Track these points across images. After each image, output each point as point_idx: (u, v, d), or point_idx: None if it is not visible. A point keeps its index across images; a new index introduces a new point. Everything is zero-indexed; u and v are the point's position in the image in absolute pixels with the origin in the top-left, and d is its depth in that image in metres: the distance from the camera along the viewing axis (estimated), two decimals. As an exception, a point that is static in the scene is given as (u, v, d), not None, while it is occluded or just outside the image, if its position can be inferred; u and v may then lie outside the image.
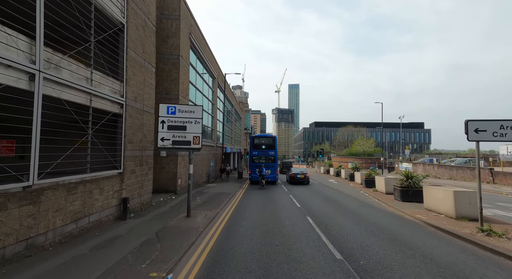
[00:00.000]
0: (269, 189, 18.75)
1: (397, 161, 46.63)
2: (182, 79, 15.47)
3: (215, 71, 25.86)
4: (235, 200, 13.89)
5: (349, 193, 16.63)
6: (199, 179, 19.93)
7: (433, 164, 35.94)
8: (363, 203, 12.78)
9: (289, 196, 15.38)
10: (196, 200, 13.13)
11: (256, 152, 23.22)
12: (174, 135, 9.03)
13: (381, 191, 15.48)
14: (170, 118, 9.03)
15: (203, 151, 20.81)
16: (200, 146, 9.35)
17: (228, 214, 10.26)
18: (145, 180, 10.65)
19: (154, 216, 9.40)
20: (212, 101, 25.65)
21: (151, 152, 11.16)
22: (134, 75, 9.62)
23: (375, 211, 10.78)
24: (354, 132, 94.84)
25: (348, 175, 24.59)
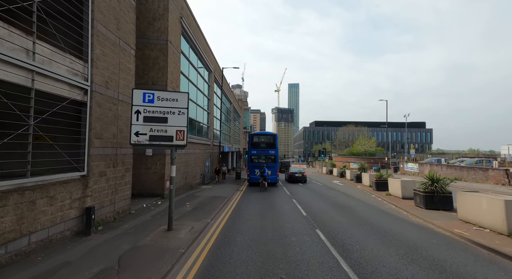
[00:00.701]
0: (270, 192, 16.98)
1: (402, 161, 44.92)
2: (171, 68, 13.66)
3: (212, 65, 24.05)
4: (230, 205, 12.11)
5: (359, 197, 14.85)
6: (192, 180, 18.14)
7: (441, 164, 34.19)
8: (380, 210, 10.99)
9: (292, 200, 13.60)
10: (185, 206, 11.33)
11: (255, 151, 21.51)
12: (152, 129, 7.23)
13: (396, 195, 13.70)
14: (147, 108, 7.23)
15: (197, 149, 19.02)
16: (185, 143, 7.56)
17: (221, 225, 8.47)
18: (121, 183, 8.85)
19: (128, 228, 7.60)
20: (208, 97, 23.84)
21: (129, 149, 9.35)
22: (104, 55, 7.81)
23: (398, 222, 8.99)
24: (355, 131, 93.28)
25: (354, 176, 22.82)
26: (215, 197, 14.08)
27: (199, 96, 20.76)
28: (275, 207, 11.76)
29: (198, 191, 16.42)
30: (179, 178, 15.23)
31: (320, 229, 7.98)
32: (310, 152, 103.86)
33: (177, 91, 7.58)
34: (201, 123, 21.21)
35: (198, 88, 20.21)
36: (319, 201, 13.57)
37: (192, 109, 18.78)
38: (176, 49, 14.41)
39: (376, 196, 14.85)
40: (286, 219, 9.27)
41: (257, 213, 10.42)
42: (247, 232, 7.61)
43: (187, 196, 14.06)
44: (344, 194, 16.04)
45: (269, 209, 11.16)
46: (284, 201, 13.48)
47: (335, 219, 9.28)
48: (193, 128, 19.28)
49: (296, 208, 11.50)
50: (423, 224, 8.57)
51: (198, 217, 9.32)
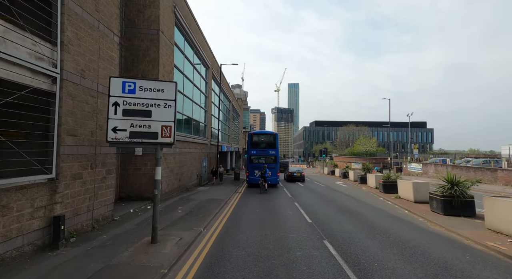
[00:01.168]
0: (270, 194, 15.92)
1: (404, 161, 43.90)
2: (163, 61, 12.60)
3: (209, 60, 22.99)
4: (227, 210, 11.05)
5: (366, 200, 13.79)
6: (188, 181, 17.08)
7: (446, 164, 33.16)
8: (393, 216, 9.93)
9: (294, 204, 12.55)
10: (176, 211, 10.26)
11: (254, 151, 20.54)
12: (134, 124, 6.17)
13: (407, 199, 12.65)
14: (128, 99, 6.17)
15: (193, 149, 17.96)
16: (172, 140, 6.50)
17: (215, 235, 7.42)
18: (102, 187, 7.78)
19: (106, 240, 6.54)
20: (205, 94, 22.79)
21: (112, 149, 8.29)
22: (79, 39, 6.74)
23: (416, 231, 7.93)
24: (355, 131, 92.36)
25: (358, 177, 21.77)
26: (211, 200, 13.02)
27: (196, 93, 19.70)
28: (276, 212, 10.70)
29: (194, 193, 15.35)
30: (172, 179, 14.17)
31: (329, 239, 6.93)
32: (310, 151, 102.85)
33: (163, 81, 6.51)
34: (197, 121, 20.16)
35: (194, 85, 19.16)
36: (323, 204, 12.51)
37: (188, 106, 17.73)
38: (169, 40, 13.35)
39: (385, 199, 13.79)
40: (289, 227, 8.21)
41: (257, 219, 9.36)
42: (244, 244, 6.55)
43: (181, 199, 13.00)
44: (349, 197, 14.98)
45: (269, 215, 10.10)
46: (285, 204, 12.42)
47: (344, 227, 8.22)
48: (189, 126, 18.23)
49: (299, 213, 10.44)
50: (447, 234, 7.51)
51: (190, 224, 8.26)
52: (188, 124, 17.92)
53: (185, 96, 16.76)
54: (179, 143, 15.22)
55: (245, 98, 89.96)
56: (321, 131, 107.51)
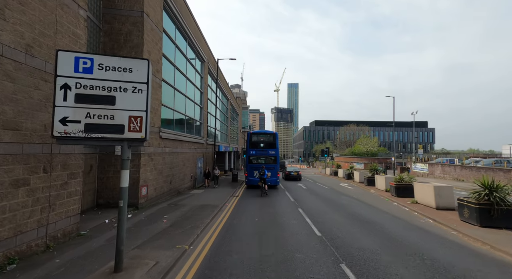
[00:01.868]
0: (270, 198, 14.37)
1: (409, 161, 42.42)
2: (148, 48, 11.05)
3: (205, 54, 21.45)
4: (221, 218, 9.51)
5: (379, 205, 12.26)
6: (180, 184, 15.52)
7: (454, 164, 31.68)
8: (417, 228, 8.38)
9: (298, 210, 11.01)
10: (160, 221, 8.71)
11: (253, 151, 19.71)
12: (91, 114, 4.63)
13: (426, 205, 11.13)
14: (82, 81, 4.63)
15: (186, 148, 16.40)
16: (144, 135, 4.97)
17: (202, 255, 5.89)
18: (61, 195, 6.23)
19: (58, 267, 4.99)
20: (200, 90, 21.24)
21: (77, 147, 6.74)
22: (22, 4, 5.19)
23: (455, 249, 6.38)
24: (356, 131, 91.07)
25: (365, 179, 20.24)
26: (203, 206, 11.47)
27: (190, 88, 18.15)
28: (277, 221, 9.15)
29: (185, 197, 13.79)
30: (161, 182, 12.62)
31: (347, 262, 5.40)
32: (311, 151, 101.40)
33: (132, 57, 4.94)
34: (191, 118, 18.61)
35: (188, 79, 17.61)
36: (331, 211, 10.97)
37: (180, 102, 16.18)
38: (156, 25, 11.80)
39: (399, 204, 12.26)
40: (294, 243, 6.67)
41: (255, 232, 7.81)
42: (239, 271, 5.01)
43: (169, 205, 11.44)
44: (359, 201, 13.43)
45: (270, 225, 8.55)
46: (288, 211, 10.87)
47: (362, 243, 6.68)
48: (182, 124, 16.68)
49: (305, 222, 8.90)
50: (497, 255, 5.96)
51: (173, 240, 6.71)
52: (180, 122, 16.38)
53: (177, 90, 15.20)
54: (170, 141, 13.67)
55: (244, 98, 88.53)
56: (321, 131, 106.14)
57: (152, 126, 11.49)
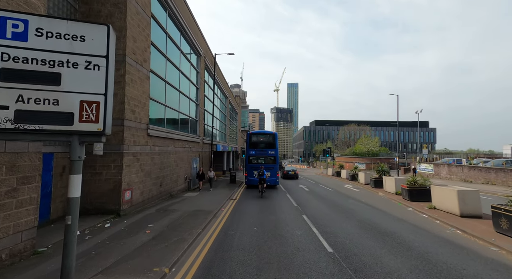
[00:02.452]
0: (270, 201, 13.08)
1: (413, 161, 41.18)
2: (133, 33, 9.76)
3: (201, 47, 20.15)
4: (214, 228, 8.23)
5: (394, 211, 10.97)
6: (173, 186, 14.23)
7: (461, 165, 30.44)
8: (446, 241, 7.09)
9: (303, 217, 9.73)
10: (143, 231, 7.42)
11: (253, 151, 19.84)
12: (23, 97, 3.35)
13: (447, 211, 9.84)
14: (11, 51, 3.34)
15: (179, 147, 15.11)
16: (102, 127, 3.66)
17: (185, 282, 4.60)
18: (8, 205, 4.94)
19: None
20: (196, 85, 19.94)
21: (34, 144, 5.45)
22: None
23: (505, 275, 5.12)
24: (357, 131, 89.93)
25: (372, 180, 18.96)
26: (196, 211, 10.18)
27: (184, 82, 16.87)
28: (279, 232, 7.86)
29: (178, 201, 12.49)
30: (149, 185, 11.32)
31: (373, 295, 4.11)
32: (311, 151, 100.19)
33: (86, 21, 3.62)
34: (186, 115, 17.31)
35: (182, 72, 16.31)
36: (340, 218, 9.68)
37: (173, 97, 14.89)
38: (142, 9, 10.50)
39: (415, 209, 10.98)
40: (301, 264, 5.38)
41: (253, 246, 6.52)
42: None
43: (157, 211, 10.15)
44: (369, 206, 12.14)
45: (271, 237, 7.26)
46: (291, 219, 9.58)
47: (387, 265, 5.39)
48: (174, 121, 15.38)
49: (311, 233, 7.62)
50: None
51: (152, 259, 5.43)
52: (173, 119, 15.09)
53: (169, 84, 13.91)
54: (160, 139, 12.38)
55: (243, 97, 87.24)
56: (321, 131, 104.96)
57: (138, 122, 10.20)
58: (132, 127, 9.74)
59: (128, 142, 9.48)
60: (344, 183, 24.16)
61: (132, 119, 9.73)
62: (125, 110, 9.27)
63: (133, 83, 9.85)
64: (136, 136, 10.09)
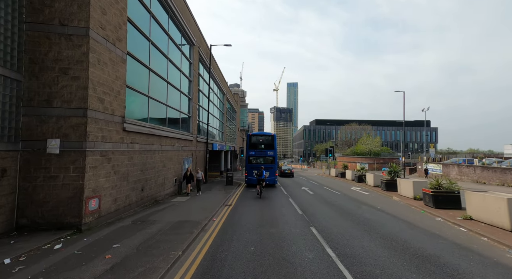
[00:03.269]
0: (272, 209, 11.20)
1: (419, 161, 39.36)
2: (101, 3, 7.86)
3: (194, 36, 18.27)
4: (200, 247, 6.37)
5: (421, 223, 9.09)
6: (158, 190, 12.35)
7: (473, 165, 28.64)
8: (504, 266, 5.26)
9: (311, 231, 7.87)
10: (100, 257, 5.51)
11: (253, 152, 20.52)
12: None
13: (492, 224, 7.97)
14: None
15: (167, 145, 13.24)
16: None
17: None
18: None
19: None
20: (188, 77, 18.05)
21: None
22: None
23: None
24: (358, 130, 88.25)
25: (383, 183, 17.10)
26: (180, 223, 8.30)
27: (174, 73, 14.98)
28: (285, 255, 5.96)
29: (162, 208, 10.60)
30: (126, 190, 9.43)
31: None
32: (311, 151, 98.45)
33: None
34: (176, 110, 15.42)
35: (171, 61, 14.42)
36: (358, 232, 7.79)
37: (159, 87, 13.02)
38: (115, -24, 8.60)
39: (446, 220, 9.10)
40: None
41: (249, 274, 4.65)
42: None
43: (133, 223, 8.26)
44: (389, 215, 10.26)
45: (273, 265, 5.36)
46: (297, 233, 7.68)
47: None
48: (162, 116, 13.50)
49: (326, 259, 5.73)
50: None
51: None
52: (159, 113, 13.21)
53: (153, 72, 12.02)
54: (141, 136, 10.50)
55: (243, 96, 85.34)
56: (321, 130, 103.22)
57: (109, 114, 8.31)
58: (100, 120, 7.84)
59: (94, 137, 7.59)
60: (350, 184, 22.30)
61: (100, 109, 7.83)
62: (89, 98, 7.37)
63: (102, 65, 7.95)
64: (106, 131, 8.20)
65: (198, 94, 21.67)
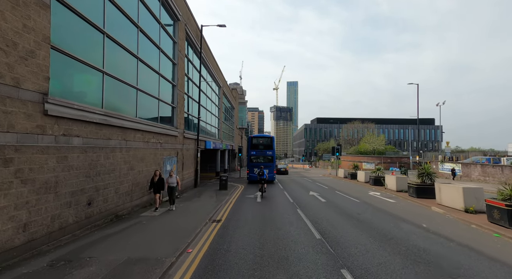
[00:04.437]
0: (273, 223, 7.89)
1: (434, 160, 36.05)
2: None
3: (179, 9, 14.94)
4: None
5: (505, 257, 5.82)
6: (122, 202, 9.04)
7: (500, 165, 25.31)
8: None
9: (342, 274, 4.58)
10: None
11: (254, 152, 23.18)
12: None
13: None
14: None
15: (138, 142, 10.01)
16: None
17: None
18: None
19: None
20: (172, 59, 14.74)
21: None
22: None
23: None
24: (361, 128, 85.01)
25: (412, 188, 13.80)
26: (127, 265, 5.00)
27: (147, 48, 11.69)
28: None
29: (118, 230, 7.29)
30: (54, 207, 6.10)
31: None
32: (312, 150, 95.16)
33: None
34: (152, 97, 12.11)
35: (143, 31, 11.10)
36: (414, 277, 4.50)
37: (126, 64, 9.76)
38: None
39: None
40: None
41: None
42: None
43: (49, 267, 4.95)
44: (447, 240, 6.95)
45: None
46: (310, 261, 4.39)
47: None
48: (129, 101, 10.19)
49: None
50: None
51: None
52: (125, 98, 9.89)
53: (110, 37, 8.67)
54: (86, 126, 7.19)
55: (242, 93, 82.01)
56: (323, 129, 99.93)
57: (10, 86, 5.00)
58: (-18, 91, 4.52)
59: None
60: (366, 188, 18.98)
61: (-20, 74, 4.51)
62: None
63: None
64: (13, 114, 4.91)
65: (188, 83, 18.37)
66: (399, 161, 52.98)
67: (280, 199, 14.05)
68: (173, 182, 10.43)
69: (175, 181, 10.45)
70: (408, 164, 50.13)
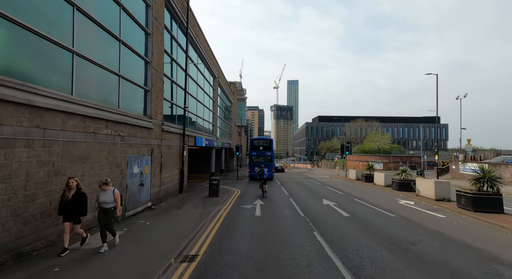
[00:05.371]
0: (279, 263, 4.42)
1: (453, 160, 32.43)
2: None
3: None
4: None
5: None
6: (32, 230, 5.42)
7: (540, 165, 21.68)
8: None
9: None
10: None
11: (255, 152, 25.80)
12: None
13: None
14: None
15: (78, 132, 6.23)
16: None
17: None
18: None
19: None
20: (143, 26, 11.14)
21: None
22: None
23: None
24: (365, 127, 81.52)
25: (463, 197, 10.24)
26: None
27: (107, 5, 8.07)
28: None
29: None
30: None
31: None
32: (314, 149, 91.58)
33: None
34: (103, 68, 8.47)
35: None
36: None
37: (59, 17, 6.12)
38: None
39: None
40: None
41: None
42: None
43: None
44: None
45: None
46: None
47: None
48: (62, 73, 6.59)
49: None
50: None
51: None
52: (34, 55, 6.30)
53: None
54: None
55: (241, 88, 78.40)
56: (325, 127, 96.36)
57: None
58: None
59: None
60: (391, 194, 15.37)
61: None
62: None
63: None
64: None
65: (172, 66, 14.79)
66: (409, 161, 49.40)
67: (286, 211, 10.51)
68: (108, 201, 5.74)
69: (111, 199, 5.77)
70: (420, 164, 46.63)
